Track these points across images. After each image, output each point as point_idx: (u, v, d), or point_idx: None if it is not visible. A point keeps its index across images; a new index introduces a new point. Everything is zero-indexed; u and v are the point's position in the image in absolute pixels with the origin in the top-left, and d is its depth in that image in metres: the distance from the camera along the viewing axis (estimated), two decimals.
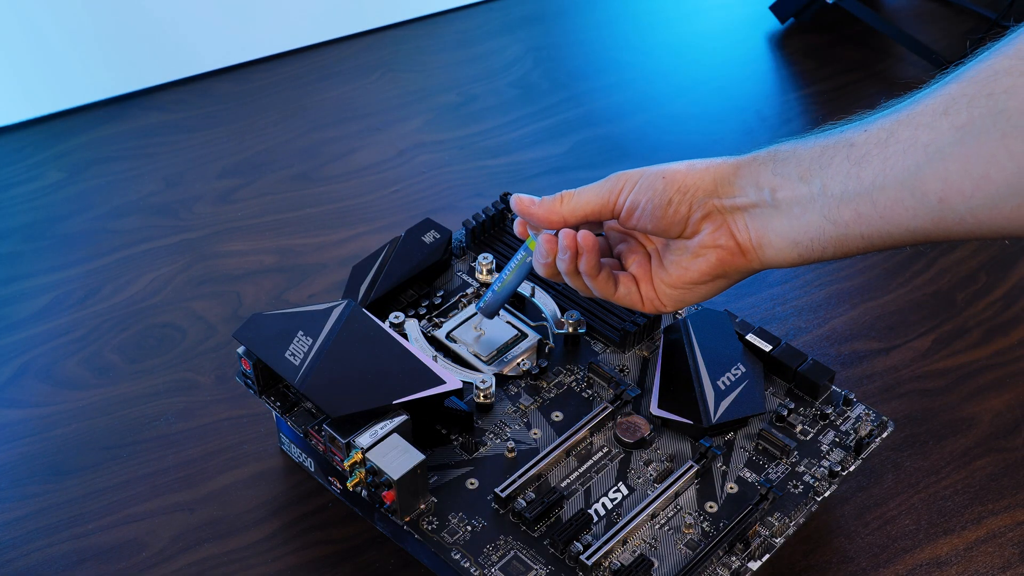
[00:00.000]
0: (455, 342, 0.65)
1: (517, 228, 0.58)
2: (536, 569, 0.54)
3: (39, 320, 0.75)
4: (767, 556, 0.54)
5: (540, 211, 0.56)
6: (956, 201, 0.44)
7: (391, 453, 0.54)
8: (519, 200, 0.57)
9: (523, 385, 0.63)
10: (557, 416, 0.61)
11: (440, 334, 0.65)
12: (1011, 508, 0.63)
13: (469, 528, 0.56)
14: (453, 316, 0.66)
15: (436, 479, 0.58)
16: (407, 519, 0.56)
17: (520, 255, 0.59)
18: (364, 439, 0.55)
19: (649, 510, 0.55)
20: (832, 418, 0.61)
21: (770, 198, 0.51)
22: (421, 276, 0.67)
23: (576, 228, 0.56)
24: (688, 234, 0.54)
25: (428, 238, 0.68)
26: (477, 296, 0.68)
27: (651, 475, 0.58)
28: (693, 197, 0.53)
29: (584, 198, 0.56)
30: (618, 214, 0.55)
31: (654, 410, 0.60)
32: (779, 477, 0.58)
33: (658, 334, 0.66)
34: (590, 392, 0.63)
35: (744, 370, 0.61)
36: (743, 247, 0.54)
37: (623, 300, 0.57)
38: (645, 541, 0.55)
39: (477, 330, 0.65)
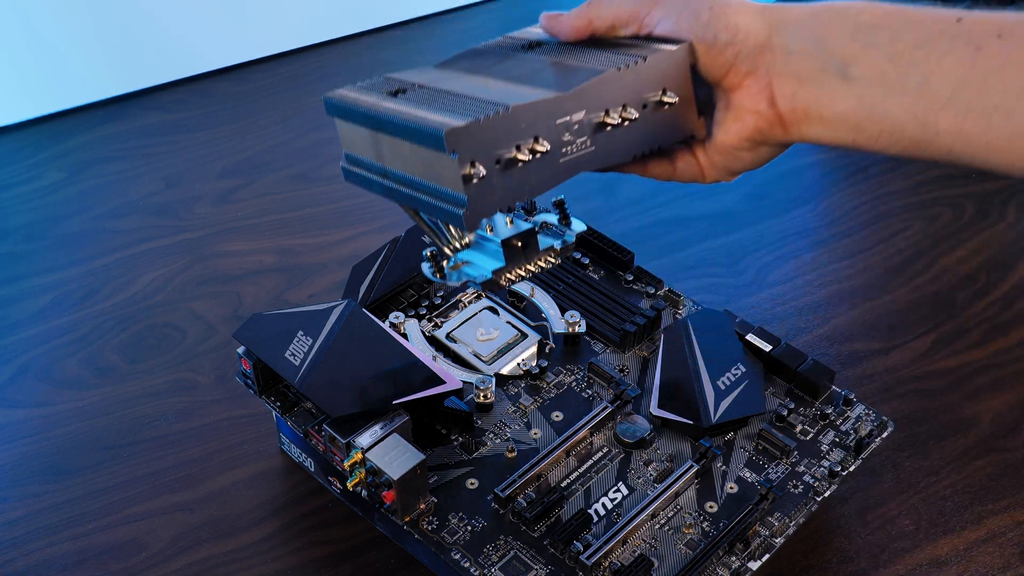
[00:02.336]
0: (455, 342, 0.65)
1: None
2: (536, 569, 0.54)
3: (39, 320, 0.75)
4: (767, 556, 0.54)
5: (567, 18, 0.52)
6: None
7: (391, 453, 0.54)
8: (546, 16, 0.53)
9: (523, 385, 0.63)
10: (557, 416, 0.61)
11: (440, 334, 0.65)
12: (1011, 508, 0.63)
13: (469, 528, 0.56)
14: (453, 316, 0.66)
15: (436, 479, 0.58)
16: (407, 519, 0.56)
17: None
18: (364, 439, 0.55)
19: (649, 510, 0.55)
20: (832, 418, 0.61)
21: (840, 69, 0.45)
22: (421, 276, 0.67)
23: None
24: (728, 84, 0.49)
25: (428, 238, 0.68)
26: (478, 297, 0.68)
27: (651, 475, 0.58)
28: (743, 44, 0.47)
29: (615, 2, 0.51)
30: (648, 32, 0.50)
31: (654, 410, 0.60)
32: (779, 477, 0.58)
33: (658, 334, 0.66)
34: (590, 392, 0.63)
35: (744, 370, 0.61)
36: (784, 118, 0.48)
37: (683, 174, 0.53)
38: (645, 541, 0.55)
39: (482, 336, 0.65)
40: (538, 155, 0.47)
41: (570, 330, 0.65)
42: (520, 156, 0.46)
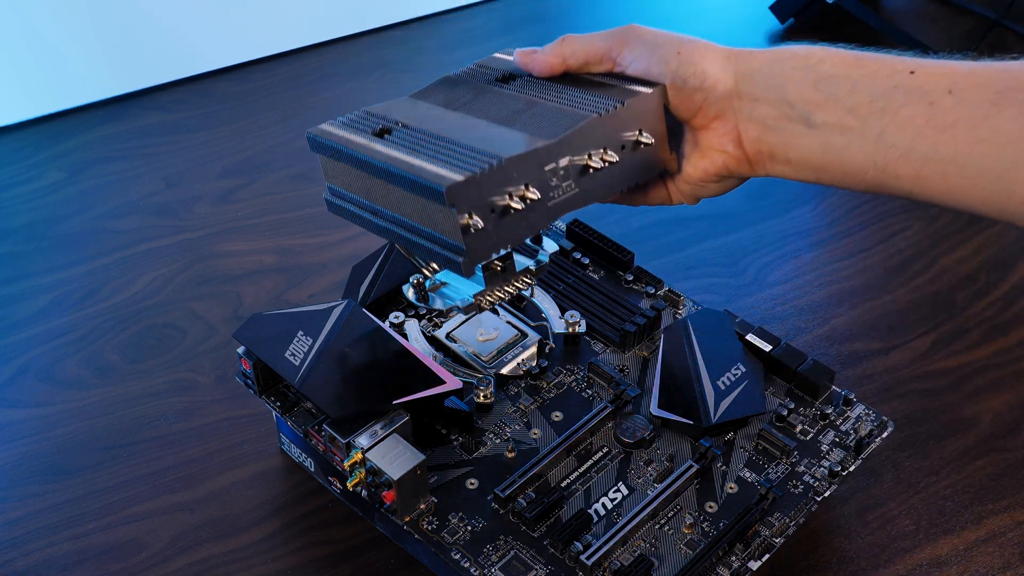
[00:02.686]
0: (455, 342, 0.65)
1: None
2: (536, 569, 0.54)
3: (39, 320, 0.75)
4: (767, 556, 0.54)
5: (540, 55, 0.54)
6: None
7: (391, 453, 0.54)
8: (520, 52, 0.55)
9: (523, 385, 0.63)
10: (557, 416, 0.61)
11: (440, 334, 0.65)
12: (1011, 508, 0.63)
13: (469, 528, 0.56)
14: (453, 316, 0.66)
15: (436, 479, 0.58)
16: (407, 519, 0.56)
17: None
18: (364, 439, 0.55)
19: (649, 510, 0.55)
20: (832, 418, 0.61)
21: (804, 117, 0.46)
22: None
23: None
24: (696, 124, 0.51)
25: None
26: None
27: (651, 475, 0.58)
28: (712, 90, 0.49)
29: (587, 41, 0.53)
30: (621, 71, 0.52)
31: (654, 410, 0.60)
32: (779, 477, 0.58)
33: (658, 334, 0.66)
34: (590, 392, 0.63)
35: (744, 370, 0.61)
36: (751, 158, 0.50)
37: (652, 200, 0.56)
38: (645, 541, 0.55)
39: (482, 336, 0.65)
40: (529, 202, 0.49)
41: (570, 330, 0.65)
42: (513, 204, 0.49)
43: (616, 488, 0.58)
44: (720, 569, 0.54)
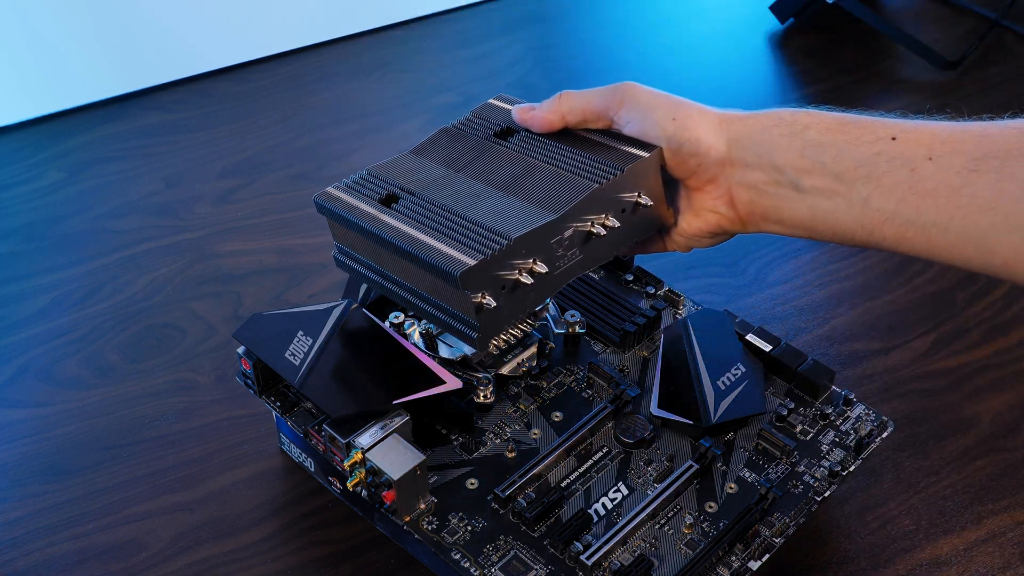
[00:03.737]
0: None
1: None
2: (536, 569, 0.54)
3: (39, 320, 0.75)
4: (767, 556, 0.54)
5: (539, 112, 0.55)
6: (1023, 268, 0.42)
7: (391, 453, 0.54)
8: (519, 109, 0.56)
9: (523, 385, 0.63)
10: (557, 416, 0.61)
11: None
12: (1011, 508, 0.63)
13: (469, 528, 0.56)
14: None
15: (436, 479, 0.58)
16: (407, 519, 0.56)
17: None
18: (364, 439, 0.55)
19: (649, 510, 0.55)
20: (832, 418, 0.61)
21: (793, 183, 0.48)
22: None
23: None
24: (690, 185, 0.52)
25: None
26: None
27: (651, 475, 0.58)
28: (705, 156, 0.50)
29: (585, 99, 0.54)
30: (618, 130, 0.53)
31: (654, 410, 0.60)
32: (779, 477, 0.58)
33: (658, 334, 0.66)
34: (590, 392, 0.63)
35: (744, 370, 0.61)
36: (743, 219, 0.52)
37: (649, 249, 0.58)
38: (645, 541, 0.55)
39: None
40: (537, 275, 0.51)
41: (570, 330, 0.65)
42: (523, 280, 0.50)
43: (616, 488, 0.58)
44: (720, 569, 0.54)
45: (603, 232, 0.53)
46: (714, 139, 0.51)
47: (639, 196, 0.54)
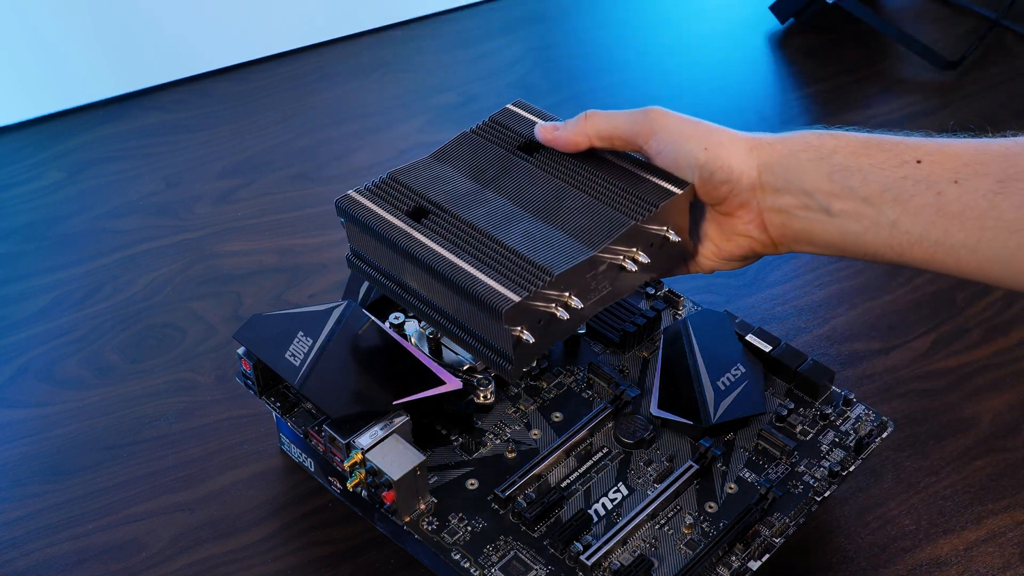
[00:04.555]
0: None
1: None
2: (536, 569, 0.54)
3: (39, 320, 0.75)
4: (767, 556, 0.54)
5: (564, 133, 0.55)
6: None
7: (391, 454, 0.54)
8: (542, 129, 0.56)
9: (523, 385, 0.63)
10: (557, 416, 0.61)
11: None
12: (1011, 508, 0.63)
13: (469, 528, 0.56)
14: None
15: (436, 479, 0.58)
16: (407, 519, 0.56)
17: None
18: (364, 440, 0.55)
19: (649, 510, 0.55)
20: (832, 418, 0.61)
21: (824, 207, 0.49)
22: None
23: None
24: (722, 211, 0.53)
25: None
26: None
27: (651, 475, 0.58)
28: (737, 183, 0.51)
29: (613, 122, 0.54)
30: (646, 156, 0.53)
31: (654, 410, 0.60)
32: (779, 477, 0.58)
33: (658, 334, 0.66)
34: (590, 392, 0.63)
35: (744, 370, 0.61)
36: (775, 241, 0.52)
37: (671, 275, 0.58)
38: (645, 541, 0.55)
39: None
40: (572, 310, 0.51)
41: None
42: (559, 315, 0.50)
43: (616, 488, 0.58)
44: (720, 569, 0.54)
45: (634, 268, 0.53)
46: (745, 166, 0.51)
47: (668, 231, 0.54)
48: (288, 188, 0.88)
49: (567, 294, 0.50)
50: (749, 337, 0.64)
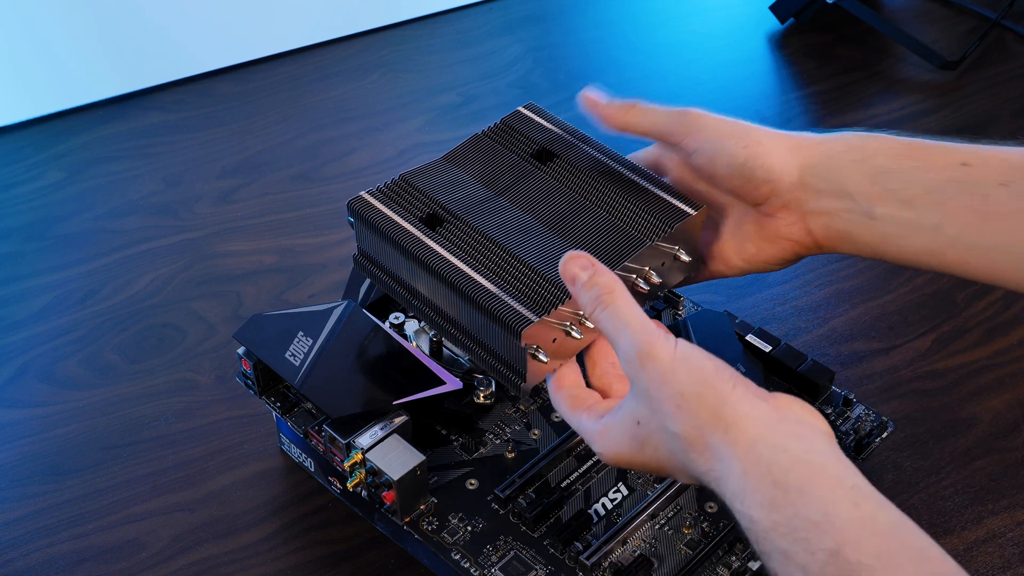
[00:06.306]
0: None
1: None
2: (536, 569, 0.54)
3: (39, 320, 0.75)
4: None
5: (607, 111, 0.54)
6: None
7: (391, 454, 0.54)
8: (588, 97, 0.55)
9: None
10: (557, 416, 0.61)
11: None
12: (1011, 508, 0.63)
13: (469, 528, 0.56)
14: None
15: (436, 479, 0.58)
16: (407, 519, 0.56)
17: None
18: (364, 440, 0.55)
19: (649, 510, 0.55)
20: (832, 418, 0.61)
21: (866, 210, 0.49)
22: None
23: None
24: (763, 212, 0.52)
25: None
26: None
27: (651, 475, 0.58)
28: (779, 183, 0.50)
29: (651, 118, 0.53)
30: (683, 155, 0.53)
31: None
32: None
33: None
34: None
35: (744, 371, 0.61)
36: (820, 243, 0.52)
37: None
38: (645, 541, 0.55)
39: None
40: (585, 330, 0.50)
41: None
42: (573, 334, 0.50)
43: (616, 488, 0.58)
44: (720, 569, 0.54)
45: (646, 288, 0.53)
46: (786, 165, 0.50)
47: (679, 251, 0.54)
48: (288, 188, 0.88)
49: (581, 313, 0.50)
50: (749, 337, 0.64)
